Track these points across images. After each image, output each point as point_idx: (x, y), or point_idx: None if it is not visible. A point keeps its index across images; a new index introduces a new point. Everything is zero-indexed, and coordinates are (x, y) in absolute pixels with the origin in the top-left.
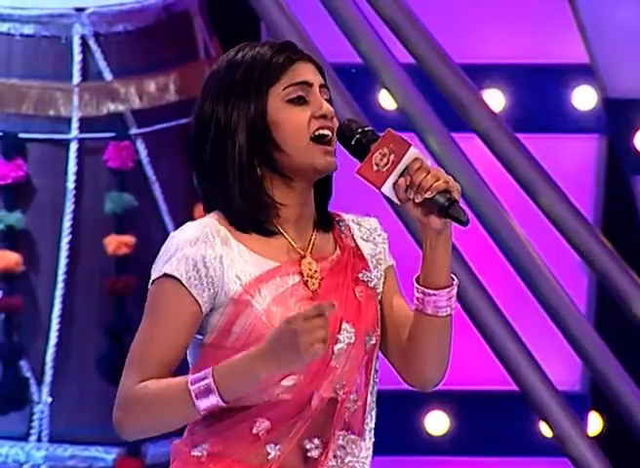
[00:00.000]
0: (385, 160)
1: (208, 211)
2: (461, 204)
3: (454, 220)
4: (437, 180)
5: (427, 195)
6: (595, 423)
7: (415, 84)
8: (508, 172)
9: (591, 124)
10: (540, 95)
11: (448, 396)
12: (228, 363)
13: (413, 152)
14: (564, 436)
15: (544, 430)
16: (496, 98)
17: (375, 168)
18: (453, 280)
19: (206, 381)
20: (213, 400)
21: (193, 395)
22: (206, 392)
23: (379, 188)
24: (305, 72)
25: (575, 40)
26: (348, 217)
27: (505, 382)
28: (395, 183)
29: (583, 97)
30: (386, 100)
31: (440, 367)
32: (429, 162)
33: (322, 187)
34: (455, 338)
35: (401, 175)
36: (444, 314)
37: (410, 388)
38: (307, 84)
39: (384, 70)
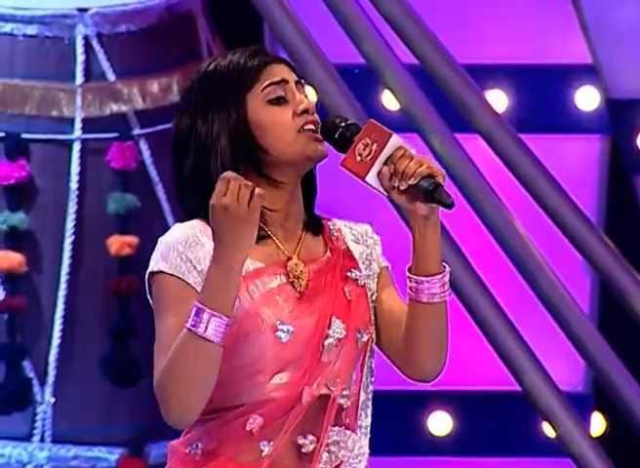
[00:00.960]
0: (368, 150)
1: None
2: (453, 194)
3: (439, 204)
4: (420, 166)
5: (411, 181)
6: (598, 424)
7: (418, 84)
8: (511, 172)
9: (594, 124)
10: (543, 95)
11: (450, 396)
12: (203, 284)
13: (395, 140)
14: (567, 436)
15: (547, 430)
16: (499, 99)
17: (358, 158)
18: (444, 267)
19: (200, 314)
20: (217, 322)
21: (200, 331)
22: (206, 321)
23: (363, 178)
24: (281, 72)
25: (578, 40)
26: (341, 222)
27: (508, 383)
28: (379, 172)
29: (586, 98)
30: (389, 101)
31: (439, 356)
32: (413, 150)
33: (308, 188)
34: (458, 339)
35: (385, 163)
36: (438, 300)
37: (412, 389)
38: (285, 81)
39: (387, 71)
